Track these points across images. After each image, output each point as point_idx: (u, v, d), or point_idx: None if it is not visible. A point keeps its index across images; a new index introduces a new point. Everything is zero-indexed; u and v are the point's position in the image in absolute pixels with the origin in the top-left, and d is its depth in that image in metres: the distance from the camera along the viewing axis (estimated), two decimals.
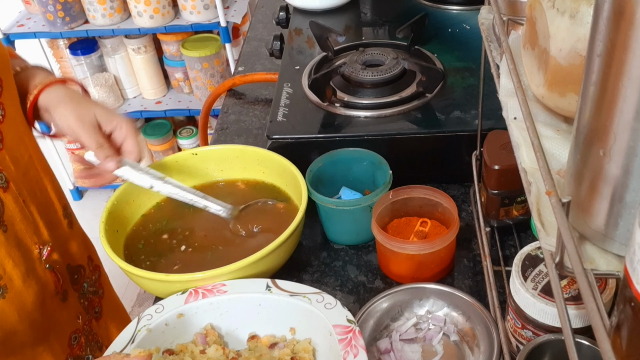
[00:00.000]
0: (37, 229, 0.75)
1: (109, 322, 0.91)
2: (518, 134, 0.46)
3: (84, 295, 0.84)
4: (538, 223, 0.39)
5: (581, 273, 0.32)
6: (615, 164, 0.33)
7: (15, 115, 0.74)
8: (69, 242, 0.83)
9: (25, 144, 0.76)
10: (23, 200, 0.72)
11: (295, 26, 1.16)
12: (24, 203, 0.73)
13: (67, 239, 0.83)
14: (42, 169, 0.79)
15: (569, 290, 0.55)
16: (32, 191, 0.75)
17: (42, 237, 0.75)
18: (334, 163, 0.84)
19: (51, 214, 0.79)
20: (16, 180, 0.72)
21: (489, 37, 0.60)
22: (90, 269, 0.88)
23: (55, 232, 0.79)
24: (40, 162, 0.79)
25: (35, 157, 0.78)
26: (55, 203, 0.81)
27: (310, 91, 0.92)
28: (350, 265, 0.80)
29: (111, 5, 2.02)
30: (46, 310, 0.76)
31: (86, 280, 0.86)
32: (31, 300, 0.73)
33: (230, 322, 0.69)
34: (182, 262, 0.77)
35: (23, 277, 0.71)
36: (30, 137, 0.78)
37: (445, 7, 1.12)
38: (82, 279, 0.85)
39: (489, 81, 0.64)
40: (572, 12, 0.42)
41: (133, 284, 0.80)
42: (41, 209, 0.76)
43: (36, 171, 0.77)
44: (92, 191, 2.55)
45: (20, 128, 0.75)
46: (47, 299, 0.76)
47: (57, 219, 0.81)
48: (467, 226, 0.83)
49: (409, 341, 0.69)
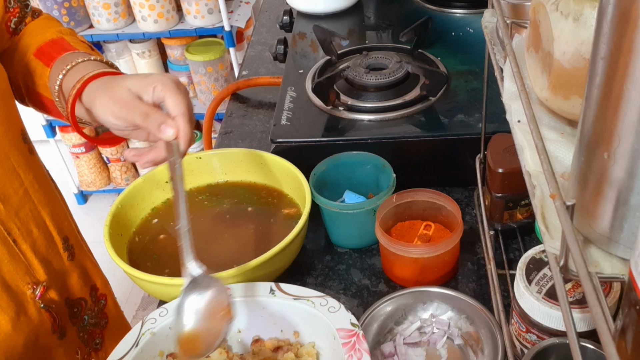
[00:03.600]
0: (30, 268, 0.70)
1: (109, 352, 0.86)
2: (522, 137, 0.46)
3: (83, 328, 0.80)
4: (542, 226, 0.39)
5: (586, 276, 0.32)
6: (620, 167, 0.33)
7: (8, 148, 0.68)
8: (69, 276, 0.78)
9: (20, 177, 0.70)
10: (13, 239, 0.68)
11: (299, 30, 1.16)
12: (15, 243, 0.68)
13: (66, 273, 0.77)
14: (40, 201, 0.73)
15: (574, 293, 0.55)
16: (27, 229, 0.70)
17: (35, 276, 0.70)
18: (338, 166, 0.84)
19: (49, 249, 0.74)
20: (4, 221, 0.67)
21: (492, 40, 0.60)
22: (92, 300, 0.82)
23: (52, 268, 0.74)
24: (39, 193, 0.73)
25: (33, 189, 0.71)
26: (54, 236, 0.75)
27: (313, 95, 0.93)
28: (354, 269, 0.80)
29: (116, 10, 2.02)
30: (40, 351, 0.72)
31: (87, 312, 0.81)
32: (21, 344, 0.69)
33: (234, 326, 0.69)
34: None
35: (12, 322, 0.67)
36: (28, 166, 0.71)
37: (448, 11, 1.12)
38: (83, 312, 0.80)
39: (492, 84, 0.64)
40: (576, 15, 0.42)
41: (137, 287, 0.80)
42: (36, 246, 0.71)
43: (32, 205, 0.71)
44: (96, 195, 2.56)
45: (15, 161, 0.69)
46: (42, 339, 0.72)
47: (56, 253, 0.75)
48: (471, 229, 0.83)
49: (413, 345, 0.69)
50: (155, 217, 0.85)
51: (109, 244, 0.74)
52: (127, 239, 0.81)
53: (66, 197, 0.86)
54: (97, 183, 2.45)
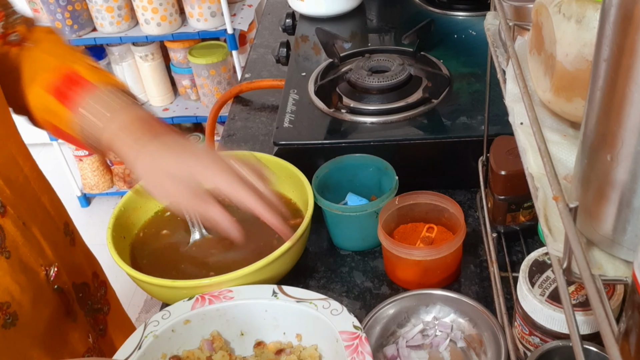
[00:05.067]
0: (42, 250, 0.71)
1: (113, 338, 0.87)
2: (525, 139, 0.46)
3: (88, 313, 0.81)
4: (545, 229, 0.39)
5: (589, 279, 0.32)
6: (623, 169, 0.33)
7: (5, 137, 0.69)
8: (73, 260, 0.79)
9: (19, 164, 0.71)
10: (23, 222, 0.68)
11: (301, 33, 1.16)
12: (25, 225, 0.68)
13: (71, 257, 0.79)
14: (39, 188, 0.74)
15: (577, 296, 0.55)
16: (32, 212, 0.71)
17: (47, 259, 0.71)
18: (340, 169, 0.84)
19: (53, 233, 0.75)
20: (13, 203, 0.68)
21: (495, 42, 0.60)
22: (95, 285, 0.84)
23: (59, 252, 0.75)
24: (37, 180, 0.74)
25: (32, 176, 0.73)
26: (56, 221, 0.76)
27: (316, 97, 0.93)
28: (356, 271, 0.80)
29: (119, 13, 2.03)
30: (58, 334, 0.73)
31: (90, 298, 0.82)
32: (43, 325, 0.70)
33: (236, 329, 0.69)
34: (188, 268, 0.77)
35: (33, 302, 0.68)
36: (25, 156, 0.73)
37: (451, 13, 1.13)
38: (87, 297, 0.81)
39: (495, 87, 0.64)
40: (579, 17, 0.42)
41: (140, 290, 0.80)
42: (43, 229, 0.72)
43: (33, 191, 0.73)
44: (99, 198, 2.56)
45: (13, 149, 0.70)
46: (60, 321, 0.73)
47: (60, 238, 0.77)
48: (473, 232, 0.83)
49: (416, 347, 0.69)
50: (158, 220, 0.85)
51: (111, 247, 0.74)
52: (130, 242, 0.81)
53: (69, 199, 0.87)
54: (100, 186, 2.46)
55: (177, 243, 0.81)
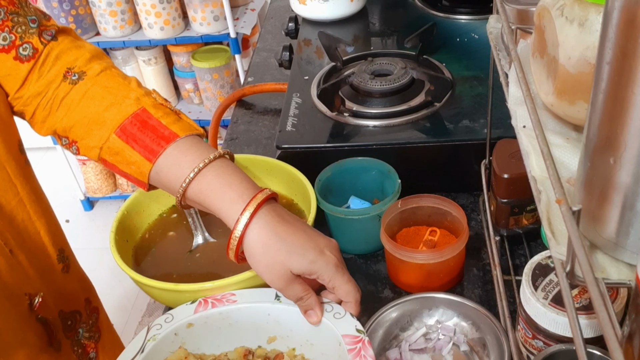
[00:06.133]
0: (27, 278, 0.69)
1: None
2: (527, 143, 0.46)
3: (77, 342, 0.79)
4: (548, 232, 0.39)
5: (592, 282, 0.32)
6: (626, 172, 0.33)
7: (3, 159, 0.67)
8: (64, 287, 0.77)
9: (16, 186, 0.69)
10: (10, 249, 0.67)
11: (304, 37, 1.16)
12: (11, 253, 0.67)
13: (62, 284, 0.76)
14: (34, 211, 0.72)
15: (580, 299, 0.55)
16: (21, 239, 0.69)
17: (33, 287, 0.70)
18: (343, 172, 0.84)
19: (43, 260, 0.73)
20: (0, 230, 0.66)
21: (497, 46, 0.60)
22: (87, 312, 0.82)
23: (47, 280, 0.73)
24: (35, 204, 0.72)
25: (28, 199, 0.71)
26: (48, 247, 0.74)
27: (319, 101, 0.93)
28: (359, 275, 0.80)
29: (122, 17, 2.04)
30: None
31: (82, 325, 0.80)
32: (24, 354, 0.68)
33: (239, 332, 0.69)
34: (191, 271, 0.77)
35: (14, 331, 0.66)
36: (24, 176, 0.70)
37: (453, 17, 1.13)
38: (78, 325, 0.79)
39: (497, 90, 0.64)
40: (581, 20, 0.42)
41: (143, 293, 0.79)
42: (31, 256, 0.70)
43: (26, 215, 0.71)
44: (102, 201, 2.56)
45: (11, 170, 0.68)
46: (42, 351, 0.71)
47: (50, 265, 0.74)
48: (476, 235, 0.83)
49: (419, 351, 0.69)
50: (161, 223, 0.85)
51: (114, 250, 0.74)
52: (133, 245, 0.81)
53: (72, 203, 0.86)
54: (104, 189, 2.46)
55: (180, 247, 0.81)
